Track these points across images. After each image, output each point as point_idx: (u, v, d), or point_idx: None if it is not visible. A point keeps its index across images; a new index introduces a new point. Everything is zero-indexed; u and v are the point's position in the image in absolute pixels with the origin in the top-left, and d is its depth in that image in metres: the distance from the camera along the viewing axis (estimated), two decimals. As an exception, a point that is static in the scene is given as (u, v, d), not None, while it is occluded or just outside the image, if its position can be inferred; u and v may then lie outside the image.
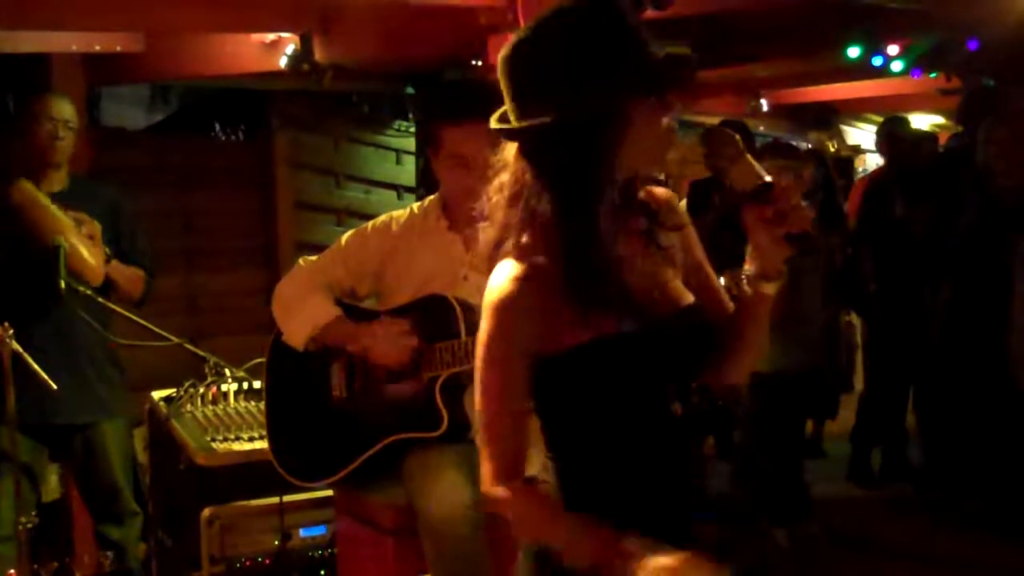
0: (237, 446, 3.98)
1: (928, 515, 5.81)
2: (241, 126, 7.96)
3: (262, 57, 5.83)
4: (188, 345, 4.43)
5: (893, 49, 6.92)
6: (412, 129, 8.14)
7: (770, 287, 2.04)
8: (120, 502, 4.54)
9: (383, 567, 3.39)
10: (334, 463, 3.40)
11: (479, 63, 5.36)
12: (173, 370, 4.59)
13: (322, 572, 3.95)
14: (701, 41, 6.49)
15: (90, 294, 4.22)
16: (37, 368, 3.83)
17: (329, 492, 3.70)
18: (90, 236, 4.23)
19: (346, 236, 3.50)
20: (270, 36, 5.71)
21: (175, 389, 4.33)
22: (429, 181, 5.95)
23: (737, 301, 2.12)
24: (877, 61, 6.96)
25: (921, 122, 11.45)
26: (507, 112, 2.03)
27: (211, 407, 4.27)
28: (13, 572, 3.96)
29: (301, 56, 5.52)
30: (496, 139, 3.24)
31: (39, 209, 4.17)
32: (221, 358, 4.42)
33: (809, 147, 8.90)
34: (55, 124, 4.36)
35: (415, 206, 3.50)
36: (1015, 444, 5.49)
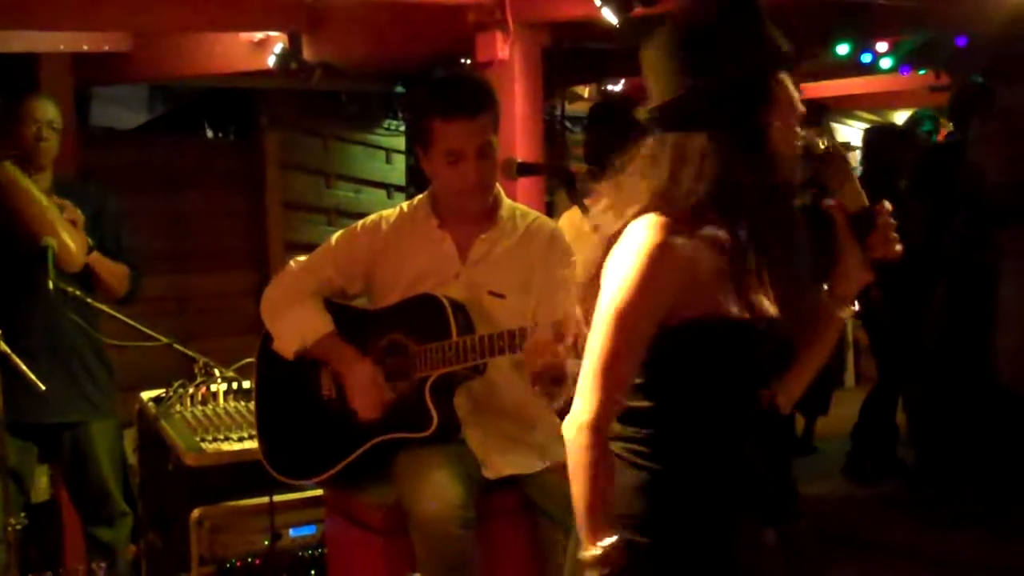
0: (227, 446, 3.97)
1: (919, 513, 5.81)
2: (230, 126, 7.94)
3: (250, 56, 5.82)
4: (177, 345, 4.42)
5: (882, 46, 6.90)
6: (402, 128, 8.12)
7: (846, 311, 2.14)
8: (110, 503, 4.53)
9: (373, 567, 3.38)
10: (324, 463, 3.39)
11: (467, 61, 5.35)
12: (162, 370, 4.58)
13: (312, 572, 3.95)
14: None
15: (79, 295, 4.21)
16: (25, 369, 3.82)
17: (319, 492, 3.69)
18: (72, 222, 4.22)
19: (336, 236, 3.50)
20: (258, 35, 5.69)
21: (164, 389, 4.33)
22: (419, 180, 5.94)
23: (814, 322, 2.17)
24: (866, 58, 6.95)
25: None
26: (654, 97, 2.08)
27: (200, 407, 4.26)
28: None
29: (289, 55, 5.50)
30: (488, 133, 3.26)
31: (22, 192, 4.16)
32: (211, 358, 4.41)
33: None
34: (39, 126, 4.34)
35: (404, 205, 3.50)
36: (1006, 442, 5.50)
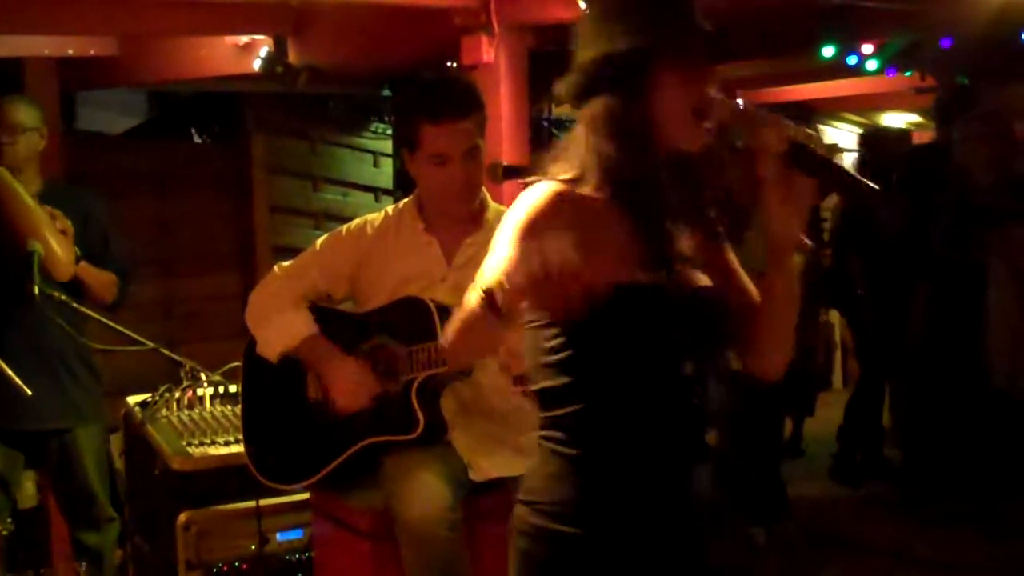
0: (213, 450, 3.96)
1: (908, 513, 5.83)
2: (217, 130, 7.94)
3: (236, 60, 5.82)
4: (164, 350, 4.41)
5: (867, 48, 6.92)
6: (389, 131, 8.12)
7: (790, 260, 2.10)
8: (96, 508, 4.53)
9: (360, 570, 3.37)
10: (310, 466, 3.38)
11: (454, 64, 5.36)
12: (149, 375, 4.57)
13: (299, 576, 3.94)
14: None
15: (65, 299, 4.20)
16: (11, 374, 3.81)
17: (306, 496, 3.68)
18: (62, 231, 4.21)
19: (321, 240, 3.49)
20: (244, 39, 5.69)
21: (151, 394, 4.31)
22: (407, 183, 5.92)
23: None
24: (852, 60, 6.96)
25: (897, 120, 11.50)
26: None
27: (187, 412, 4.25)
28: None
29: (275, 58, 5.50)
30: (474, 137, 3.27)
31: (13, 196, 4.15)
32: (197, 362, 4.40)
33: None
34: (2, 129, 4.33)
35: (390, 208, 3.50)
36: (996, 442, 5.51)
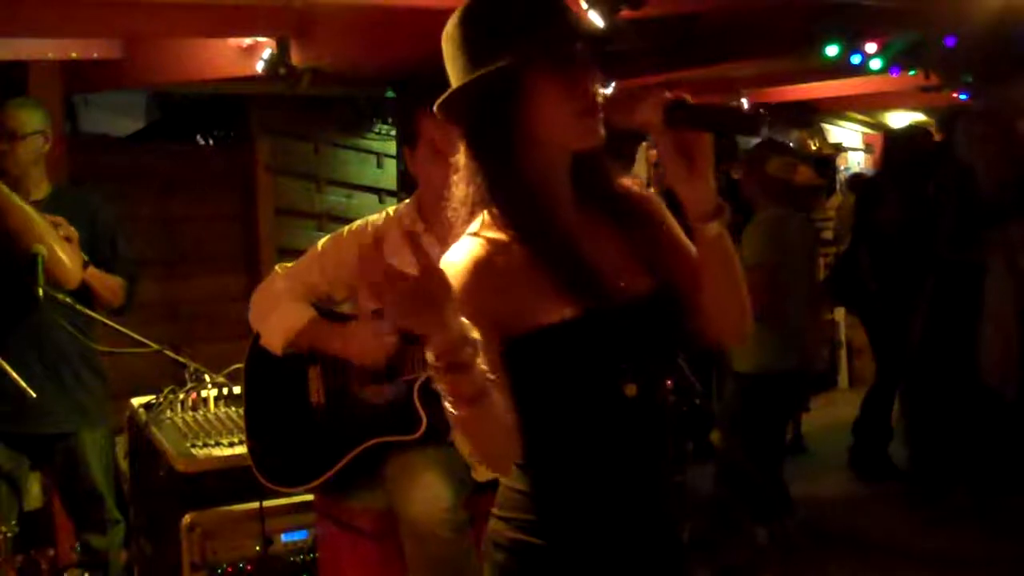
0: (217, 452, 3.97)
1: (913, 510, 5.82)
2: (221, 132, 7.95)
3: (239, 62, 5.82)
4: (168, 351, 4.41)
5: (871, 47, 6.92)
6: (392, 133, 8.12)
7: (711, 227, 2.01)
8: (102, 510, 4.53)
9: (365, 571, 3.39)
10: (314, 468, 3.39)
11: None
12: (153, 376, 4.58)
13: (303, 577, 3.95)
14: (680, 40, 6.52)
15: (70, 302, 4.20)
16: (16, 377, 3.82)
17: (310, 497, 3.69)
18: (67, 239, 4.21)
19: (322, 241, 3.51)
20: (247, 41, 5.70)
21: (155, 396, 4.32)
22: (410, 184, 5.93)
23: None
24: (856, 59, 6.97)
25: (902, 119, 11.50)
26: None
27: (191, 413, 4.26)
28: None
29: (278, 60, 5.50)
30: None
31: (13, 209, 4.15)
32: (202, 364, 4.41)
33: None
34: (2, 133, 4.34)
35: (391, 209, 3.51)
36: (994, 440, 5.51)
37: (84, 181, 5.53)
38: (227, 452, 3.96)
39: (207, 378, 4.34)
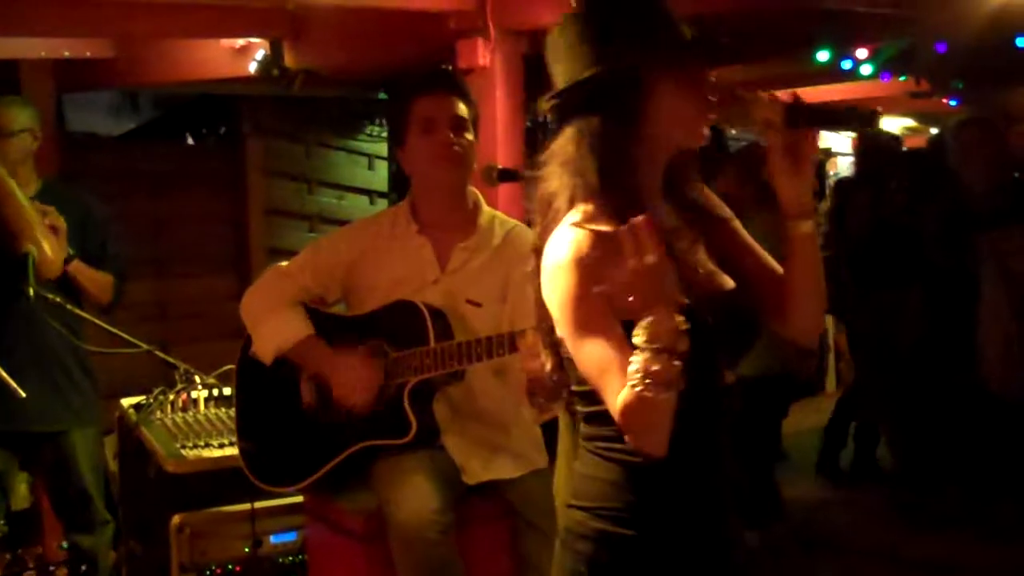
0: (207, 453, 3.96)
1: (900, 516, 5.83)
2: (212, 132, 7.94)
3: (232, 62, 5.82)
4: (158, 352, 4.41)
5: (862, 53, 6.95)
6: (384, 135, 8.12)
7: (804, 225, 2.10)
8: (91, 511, 4.52)
9: (353, 572, 3.39)
10: (304, 469, 3.40)
11: (448, 68, 5.37)
12: (143, 377, 4.58)
13: (292, 578, 3.95)
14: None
15: (60, 301, 4.20)
16: (6, 376, 3.82)
17: (299, 498, 3.69)
18: (52, 228, 4.21)
19: (315, 242, 3.52)
20: (240, 41, 5.70)
21: (145, 396, 4.32)
22: (401, 186, 5.93)
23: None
24: (846, 65, 7.00)
25: (892, 125, 11.51)
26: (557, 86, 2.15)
27: (181, 414, 4.25)
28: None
29: (271, 61, 5.51)
30: (462, 110, 3.32)
31: (7, 195, 4.14)
32: (192, 365, 4.40)
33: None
34: None
35: (385, 211, 3.52)
36: (990, 445, 5.52)
37: (74, 180, 5.53)
38: (217, 453, 3.96)
39: (197, 379, 4.34)
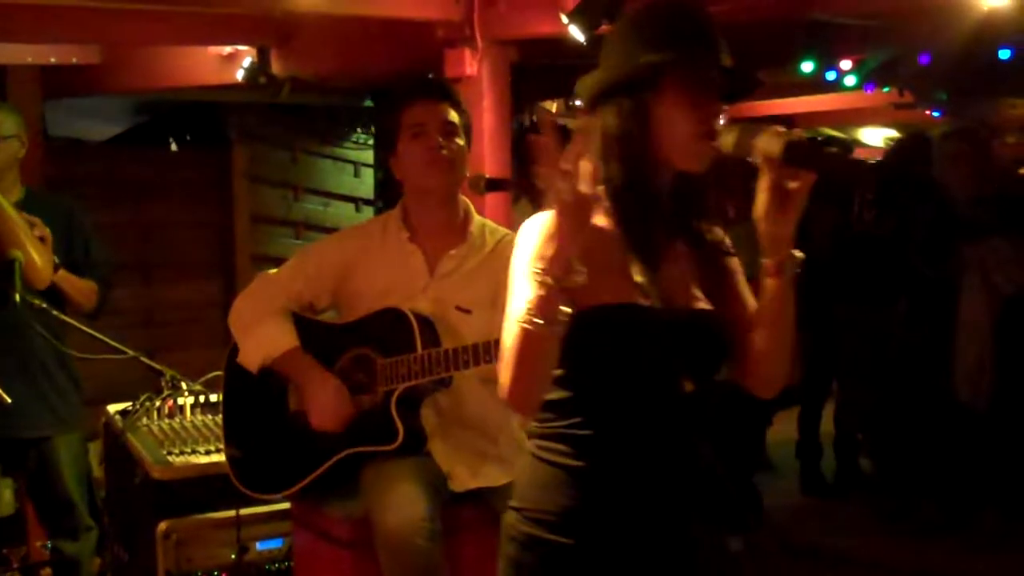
0: (194, 459, 3.95)
1: (882, 524, 5.85)
2: (197, 138, 7.94)
3: (219, 69, 5.83)
4: (144, 358, 4.41)
5: (846, 64, 6.99)
6: (370, 142, 8.14)
7: (786, 267, 2.08)
8: (75, 517, 4.51)
9: (340, 580, 3.39)
10: (291, 477, 3.40)
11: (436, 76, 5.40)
12: (129, 383, 4.57)
13: (278, 585, 3.95)
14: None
15: (45, 307, 4.19)
16: (-9, 383, 3.81)
17: (286, 505, 3.69)
18: (41, 238, 4.21)
19: (305, 249, 3.52)
20: (227, 49, 5.71)
21: (131, 403, 4.31)
22: (387, 194, 5.95)
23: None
24: (830, 75, 7.03)
25: (875, 136, 11.58)
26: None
27: (167, 420, 4.24)
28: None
29: (258, 69, 5.53)
30: (452, 116, 3.35)
31: None
32: (177, 371, 4.40)
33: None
34: None
35: (376, 218, 3.53)
36: (965, 455, 5.55)
37: (59, 186, 5.53)
38: (203, 460, 3.95)
39: (184, 385, 4.34)
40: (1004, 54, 6.61)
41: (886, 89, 8.09)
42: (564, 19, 4.58)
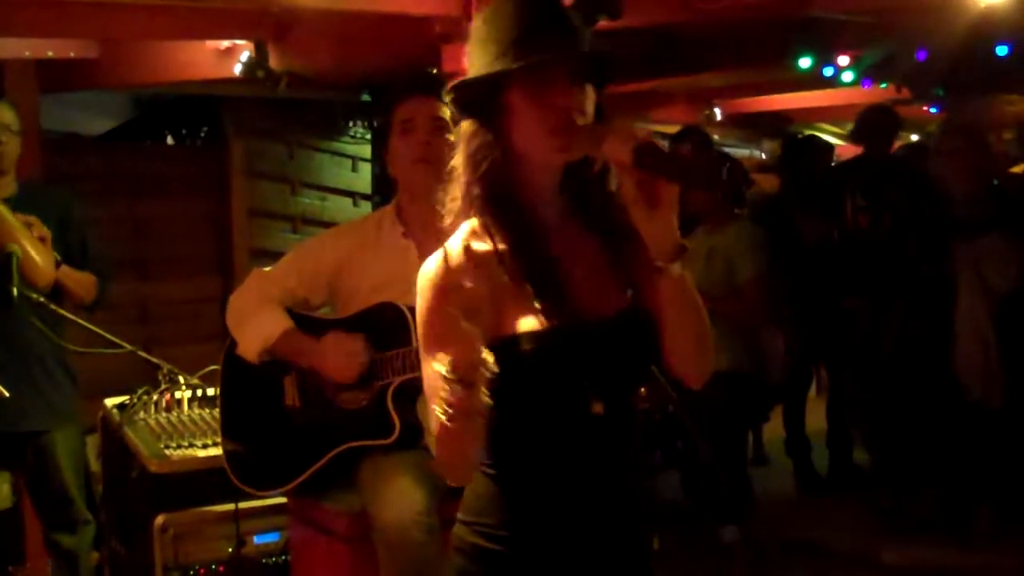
0: (191, 453, 3.97)
1: (878, 520, 5.86)
2: (196, 133, 7.94)
3: (217, 64, 5.83)
4: (141, 352, 4.41)
5: (843, 60, 7.01)
6: (368, 136, 8.14)
7: (672, 268, 1.99)
8: (72, 510, 4.52)
9: (337, 573, 3.40)
10: (288, 472, 3.41)
11: (433, 71, 5.39)
12: (126, 377, 4.57)
13: (276, 579, 3.95)
14: (656, 51, 6.56)
15: (43, 301, 4.19)
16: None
17: (283, 499, 3.70)
18: (40, 238, 4.21)
19: (300, 245, 3.53)
20: (225, 43, 5.71)
21: (128, 396, 4.31)
22: (385, 188, 5.94)
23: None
24: (828, 71, 7.06)
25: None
26: None
27: (165, 414, 4.25)
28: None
29: (256, 63, 5.52)
30: (442, 111, 3.37)
31: None
32: (175, 365, 4.40)
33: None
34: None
35: (371, 213, 3.54)
36: (965, 451, 5.55)
37: (55, 180, 5.52)
38: (200, 454, 3.97)
39: (181, 380, 4.34)
40: (1001, 50, 6.63)
41: (883, 85, 8.10)
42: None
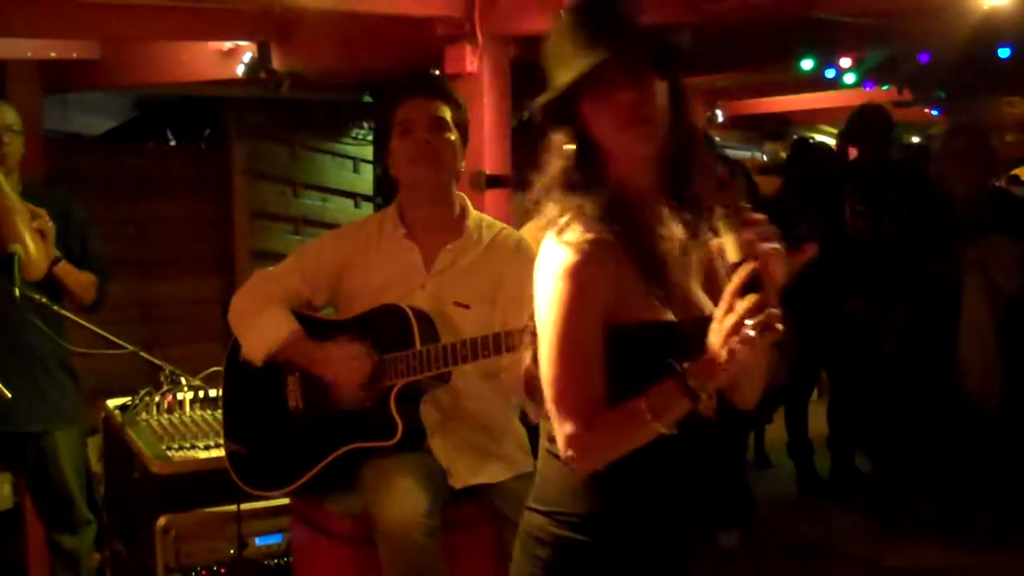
0: (193, 454, 3.96)
1: (879, 522, 5.86)
2: (198, 134, 7.94)
3: (219, 65, 5.83)
4: (144, 353, 4.41)
5: (845, 62, 7.01)
6: (369, 138, 8.14)
7: None
8: (73, 511, 4.52)
9: (339, 575, 3.39)
10: (290, 473, 3.40)
11: (436, 73, 5.39)
12: (128, 378, 4.57)
13: (278, 581, 3.95)
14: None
15: (45, 302, 4.19)
16: (-8, 377, 3.81)
17: (285, 500, 3.69)
18: (40, 231, 4.20)
19: (303, 246, 3.53)
20: (227, 44, 5.71)
21: (130, 397, 4.31)
22: (386, 190, 5.94)
23: None
24: (830, 73, 7.06)
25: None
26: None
27: (167, 415, 4.25)
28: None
29: (258, 64, 5.53)
30: (441, 112, 3.37)
31: (2, 196, 4.14)
32: (176, 366, 4.40)
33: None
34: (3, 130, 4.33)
35: (373, 215, 3.54)
36: (966, 453, 5.55)
37: (57, 180, 5.52)
38: (202, 455, 3.95)
39: (183, 381, 4.34)
40: (1003, 53, 6.63)
41: (885, 87, 8.10)
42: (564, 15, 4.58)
